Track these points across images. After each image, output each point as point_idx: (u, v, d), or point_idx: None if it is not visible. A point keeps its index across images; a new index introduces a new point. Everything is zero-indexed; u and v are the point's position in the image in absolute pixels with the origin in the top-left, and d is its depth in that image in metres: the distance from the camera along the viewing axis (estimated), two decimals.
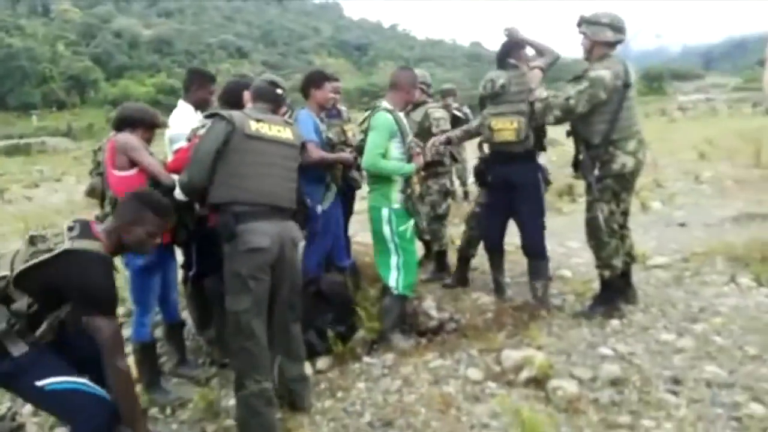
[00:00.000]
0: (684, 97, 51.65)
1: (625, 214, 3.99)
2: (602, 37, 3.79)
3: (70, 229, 2.40)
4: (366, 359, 3.68)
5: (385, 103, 3.79)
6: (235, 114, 2.89)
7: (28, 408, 3.56)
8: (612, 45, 3.82)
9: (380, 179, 3.78)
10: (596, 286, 4.41)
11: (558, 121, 3.77)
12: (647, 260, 5.01)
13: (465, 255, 4.66)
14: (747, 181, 8.64)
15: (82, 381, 2.39)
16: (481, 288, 4.79)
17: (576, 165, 3.97)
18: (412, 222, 3.78)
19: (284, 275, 2.99)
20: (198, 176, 2.87)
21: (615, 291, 3.98)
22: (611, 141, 3.71)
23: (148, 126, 3.35)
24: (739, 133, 13.51)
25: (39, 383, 2.28)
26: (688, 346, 3.45)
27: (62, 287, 2.33)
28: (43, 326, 2.35)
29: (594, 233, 3.86)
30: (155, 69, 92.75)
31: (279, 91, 3.20)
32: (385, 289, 3.82)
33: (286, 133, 3.04)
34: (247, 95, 3.33)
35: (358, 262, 4.67)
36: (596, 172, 3.75)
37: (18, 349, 2.27)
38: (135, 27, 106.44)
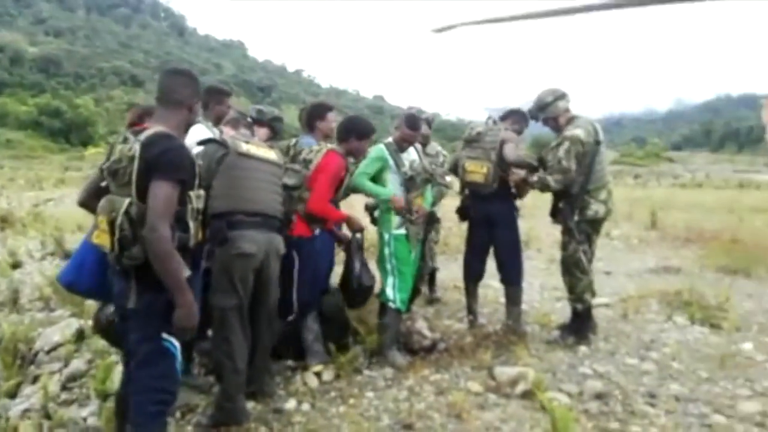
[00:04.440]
0: None
1: (592, 255, 4.48)
2: (561, 108, 4.33)
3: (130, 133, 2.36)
4: (366, 372, 3.86)
5: (389, 139, 4.15)
6: (227, 138, 3.21)
7: (16, 410, 3.37)
8: (569, 110, 4.37)
9: (383, 207, 4.07)
10: (554, 318, 4.91)
11: (560, 185, 4.14)
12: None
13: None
14: (647, 240, 9.74)
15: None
16: (448, 317, 5.13)
17: (554, 213, 4.43)
18: (412, 250, 4.07)
19: (266, 283, 3.29)
20: None
21: (583, 322, 4.44)
22: (587, 191, 4.22)
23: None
24: (627, 199, 15.07)
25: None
26: (651, 369, 3.94)
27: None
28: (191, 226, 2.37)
29: (570, 270, 4.32)
30: (39, 89, 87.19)
31: (248, 119, 3.66)
32: (383, 307, 4.04)
33: (271, 154, 3.36)
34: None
35: None
36: (576, 217, 4.23)
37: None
38: (19, 43, 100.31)
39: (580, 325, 4.42)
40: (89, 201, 2.53)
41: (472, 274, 4.70)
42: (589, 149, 4.17)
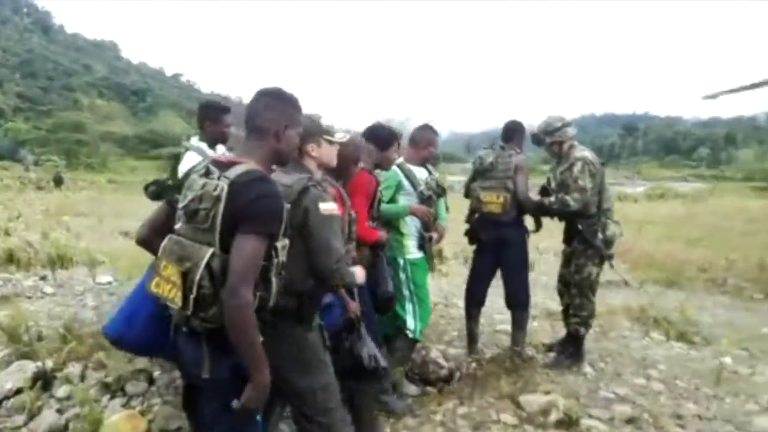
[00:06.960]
0: (451, 177, 58.27)
1: None
2: (569, 134, 4.29)
3: (213, 165, 1.93)
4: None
5: (400, 159, 3.89)
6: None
7: None
8: (574, 136, 4.34)
9: (395, 231, 3.81)
10: (540, 339, 4.87)
11: (579, 204, 4.06)
12: None
13: None
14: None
15: None
16: (435, 342, 4.91)
17: (569, 238, 4.35)
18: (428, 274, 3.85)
19: None
20: None
21: (580, 345, 4.41)
22: (603, 210, 4.20)
23: None
24: None
25: None
26: (661, 389, 4.00)
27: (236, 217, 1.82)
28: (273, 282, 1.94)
29: (585, 293, 4.25)
30: None
31: None
32: (399, 332, 3.79)
33: None
34: None
35: None
36: (600, 236, 4.17)
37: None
38: None
39: (577, 349, 4.40)
40: (153, 238, 2.04)
41: (475, 299, 4.53)
42: (599, 169, 4.16)
